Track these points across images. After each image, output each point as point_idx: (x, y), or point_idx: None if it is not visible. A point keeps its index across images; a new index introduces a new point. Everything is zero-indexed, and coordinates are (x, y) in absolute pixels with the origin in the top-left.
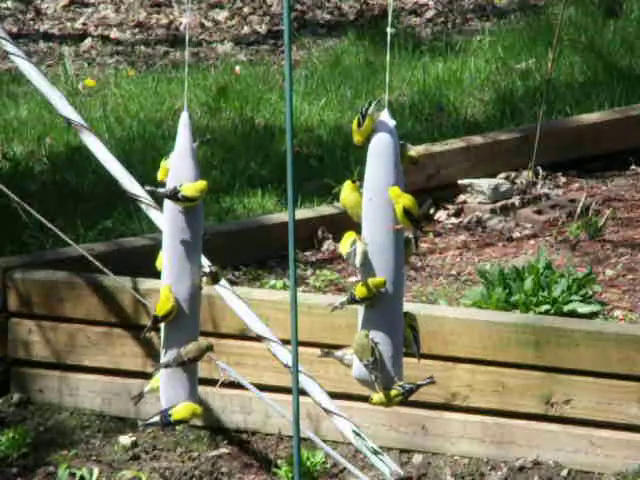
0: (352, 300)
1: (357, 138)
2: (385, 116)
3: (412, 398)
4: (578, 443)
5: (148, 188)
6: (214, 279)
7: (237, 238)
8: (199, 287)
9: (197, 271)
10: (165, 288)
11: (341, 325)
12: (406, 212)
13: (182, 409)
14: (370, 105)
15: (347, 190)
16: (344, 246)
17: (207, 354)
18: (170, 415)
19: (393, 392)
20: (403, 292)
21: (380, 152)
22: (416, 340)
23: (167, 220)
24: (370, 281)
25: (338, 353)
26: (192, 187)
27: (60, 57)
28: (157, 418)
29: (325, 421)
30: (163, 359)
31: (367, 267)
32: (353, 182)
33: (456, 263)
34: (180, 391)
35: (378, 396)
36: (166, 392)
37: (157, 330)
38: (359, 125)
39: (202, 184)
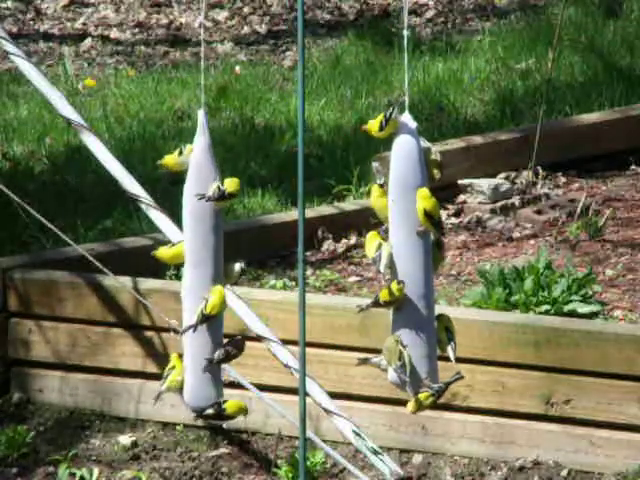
0: (376, 303)
1: (375, 136)
2: (407, 118)
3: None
4: (578, 443)
5: (198, 197)
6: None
7: (237, 238)
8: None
9: (220, 270)
10: (221, 288)
11: (341, 325)
12: (426, 214)
13: (234, 404)
14: (394, 109)
15: (375, 193)
16: (369, 250)
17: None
18: (224, 409)
19: (423, 395)
20: (432, 294)
21: (403, 154)
22: (451, 342)
23: (193, 220)
24: (393, 284)
25: (374, 360)
26: (232, 183)
27: (60, 57)
28: (211, 410)
29: (325, 421)
30: (194, 359)
31: (392, 270)
32: (380, 186)
33: (456, 263)
34: (211, 390)
35: (411, 404)
36: (194, 392)
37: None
38: (380, 129)
39: (237, 180)
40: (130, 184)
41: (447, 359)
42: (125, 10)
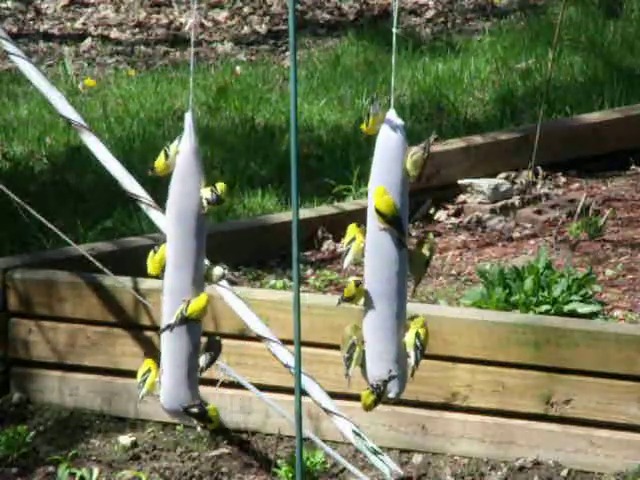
0: (341, 300)
1: (367, 133)
2: (391, 114)
3: (412, 398)
4: (578, 443)
5: (206, 203)
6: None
7: (237, 238)
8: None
9: (202, 273)
10: (206, 296)
11: (341, 325)
12: (377, 212)
13: (214, 409)
14: (373, 104)
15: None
16: (343, 242)
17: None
18: (207, 410)
19: (364, 393)
20: (399, 293)
21: (382, 151)
22: (417, 349)
23: (178, 223)
24: (351, 283)
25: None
26: (222, 186)
27: (60, 57)
28: (197, 409)
29: (325, 421)
30: (172, 364)
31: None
32: None
33: (456, 263)
34: (189, 392)
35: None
36: (172, 394)
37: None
38: (366, 124)
39: (224, 184)
40: (130, 184)
41: (448, 359)
42: (125, 10)
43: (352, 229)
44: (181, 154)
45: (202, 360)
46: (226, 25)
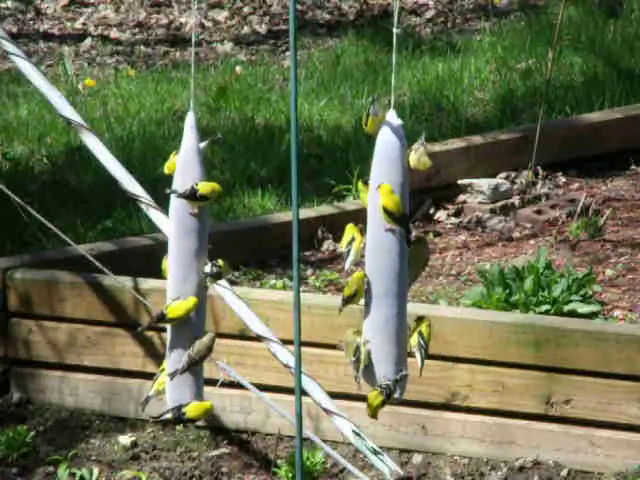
0: (344, 300)
1: (369, 132)
2: (391, 115)
3: (412, 398)
4: (578, 443)
5: (168, 190)
6: (218, 277)
7: (237, 238)
8: (205, 287)
9: (198, 271)
10: (194, 300)
11: (341, 325)
12: (385, 211)
13: (196, 407)
14: (372, 104)
15: (363, 190)
16: (343, 242)
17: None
18: (184, 413)
19: (372, 395)
20: (402, 293)
21: (381, 151)
22: (422, 348)
23: (175, 221)
24: (351, 279)
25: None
26: (208, 186)
27: (60, 57)
28: (169, 415)
29: (325, 421)
30: (172, 365)
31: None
32: (365, 183)
33: (456, 263)
34: (186, 391)
35: (367, 408)
36: (172, 393)
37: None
38: (365, 124)
39: (217, 185)
40: (130, 184)
41: (448, 359)
42: (125, 10)
43: (350, 229)
44: (181, 152)
45: (182, 363)
46: (226, 25)
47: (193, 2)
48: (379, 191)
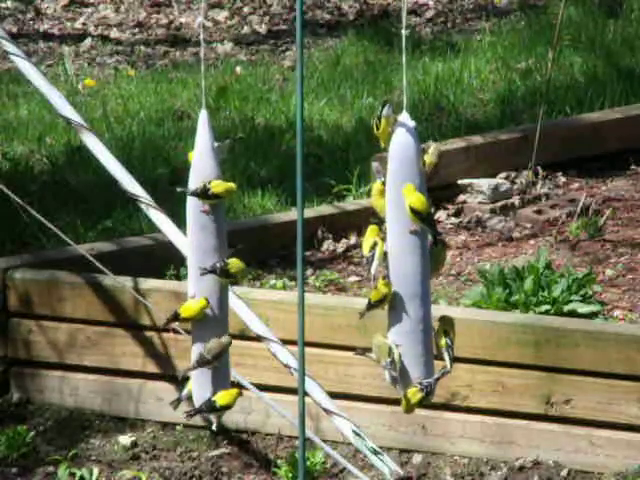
0: (370, 305)
1: (380, 141)
2: (404, 117)
3: None
4: (578, 443)
5: (180, 188)
6: (224, 275)
7: (237, 238)
8: (225, 285)
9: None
10: (203, 299)
11: (341, 325)
12: (412, 211)
13: (225, 395)
14: (383, 107)
15: (376, 192)
16: (365, 247)
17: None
18: (215, 402)
19: (411, 392)
20: (427, 294)
21: (398, 153)
22: (449, 348)
23: (191, 218)
24: (380, 281)
25: (373, 355)
26: (221, 185)
27: (60, 57)
28: (202, 407)
29: (325, 421)
30: (192, 361)
31: (386, 267)
32: (383, 184)
33: (456, 263)
34: (206, 389)
35: (403, 403)
36: (196, 391)
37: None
38: (377, 128)
39: (231, 184)
40: (130, 184)
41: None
42: (125, 10)
43: (371, 233)
44: (195, 150)
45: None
46: (226, 25)
47: (196, 2)
48: (404, 191)
